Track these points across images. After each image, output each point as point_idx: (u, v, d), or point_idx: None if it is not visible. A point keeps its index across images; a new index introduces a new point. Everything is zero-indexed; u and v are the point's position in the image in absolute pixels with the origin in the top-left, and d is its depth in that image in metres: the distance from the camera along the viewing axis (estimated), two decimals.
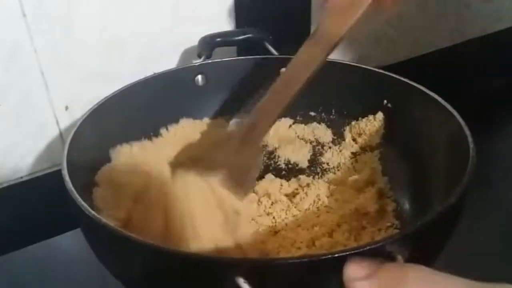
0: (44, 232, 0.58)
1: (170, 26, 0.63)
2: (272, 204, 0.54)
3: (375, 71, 0.59)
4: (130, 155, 0.56)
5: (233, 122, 0.57)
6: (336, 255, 0.32)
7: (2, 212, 0.58)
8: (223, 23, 0.66)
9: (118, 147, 0.56)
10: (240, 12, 0.67)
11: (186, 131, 0.61)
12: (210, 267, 0.34)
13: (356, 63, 0.62)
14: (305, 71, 0.44)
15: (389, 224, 0.51)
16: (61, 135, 0.60)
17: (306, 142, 0.63)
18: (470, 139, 0.44)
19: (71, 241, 0.58)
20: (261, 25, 0.69)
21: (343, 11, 0.42)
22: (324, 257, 0.33)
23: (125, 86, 0.56)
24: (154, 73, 0.60)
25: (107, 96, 0.54)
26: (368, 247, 0.33)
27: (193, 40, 0.64)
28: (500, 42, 0.91)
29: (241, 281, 0.32)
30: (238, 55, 0.68)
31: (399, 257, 0.33)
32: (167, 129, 0.60)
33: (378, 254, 0.33)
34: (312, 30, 0.73)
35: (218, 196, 0.44)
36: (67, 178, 0.43)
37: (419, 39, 0.86)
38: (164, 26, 0.62)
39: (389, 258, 0.33)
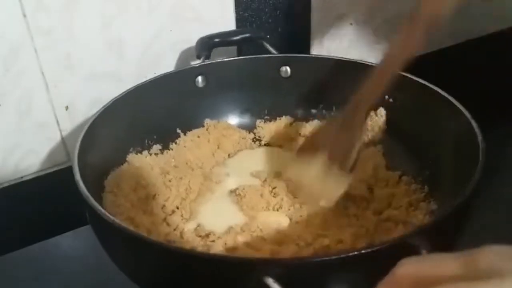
0: (44, 232, 0.58)
1: (170, 27, 0.63)
2: (279, 201, 0.54)
3: (375, 66, 0.59)
4: (140, 162, 0.56)
5: None
6: (363, 251, 0.33)
7: (2, 212, 0.58)
8: (224, 23, 0.66)
9: (130, 155, 0.56)
10: (240, 12, 0.67)
11: (194, 139, 0.61)
12: (238, 268, 0.35)
13: None
14: (404, 53, 0.45)
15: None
16: (61, 135, 0.60)
17: None
18: (477, 130, 0.46)
19: (71, 241, 0.58)
20: (262, 25, 0.69)
21: None
22: (350, 254, 0.33)
23: (129, 89, 0.57)
24: (155, 74, 0.60)
25: (112, 99, 0.55)
26: (384, 245, 0.34)
27: (194, 41, 0.64)
28: (500, 42, 0.91)
29: (270, 281, 0.32)
30: (237, 55, 0.68)
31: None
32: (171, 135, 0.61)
33: (396, 250, 0.33)
34: (312, 30, 0.74)
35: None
36: (81, 184, 0.43)
37: None
38: (164, 26, 0.62)
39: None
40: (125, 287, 0.44)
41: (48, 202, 0.60)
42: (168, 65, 0.64)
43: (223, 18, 0.66)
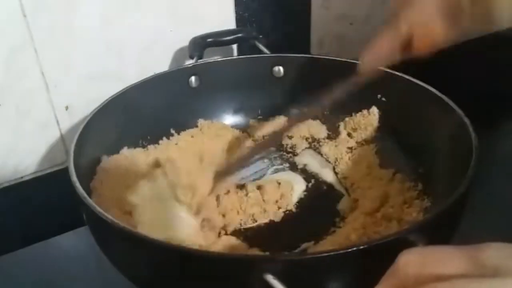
0: (44, 232, 0.58)
1: (169, 26, 0.63)
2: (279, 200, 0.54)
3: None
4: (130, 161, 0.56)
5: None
6: (361, 247, 0.33)
7: (2, 212, 0.58)
8: (224, 23, 0.66)
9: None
10: (240, 12, 0.67)
11: (188, 139, 0.62)
12: (239, 265, 0.35)
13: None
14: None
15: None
16: (61, 135, 0.60)
17: (302, 139, 0.64)
18: (471, 128, 0.46)
19: (71, 241, 0.58)
20: (262, 25, 0.69)
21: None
22: (349, 250, 0.33)
23: (122, 89, 0.57)
24: (155, 73, 0.60)
25: (106, 100, 0.55)
26: (383, 241, 0.34)
27: None
28: (499, 42, 0.91)
29: (270, 277, 0.32)
30: (231, 55, 0.69)
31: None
32: (165, 135, 0.61)
33: (395, 246, 0.33)
34: (312, 30, 0.74)
35: None
36: (77, 184, 0.43)
37: None
38: (163, 26, 0.62)
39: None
40: (125, 287, 0.44)
41: (48, 202, 0.60)
42: (168, 65, 0.65)
43: (223, 18, 0.66)
